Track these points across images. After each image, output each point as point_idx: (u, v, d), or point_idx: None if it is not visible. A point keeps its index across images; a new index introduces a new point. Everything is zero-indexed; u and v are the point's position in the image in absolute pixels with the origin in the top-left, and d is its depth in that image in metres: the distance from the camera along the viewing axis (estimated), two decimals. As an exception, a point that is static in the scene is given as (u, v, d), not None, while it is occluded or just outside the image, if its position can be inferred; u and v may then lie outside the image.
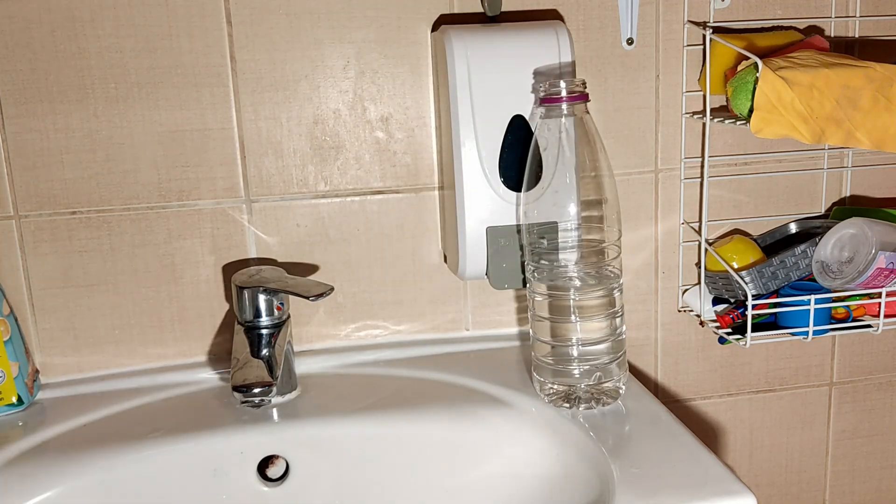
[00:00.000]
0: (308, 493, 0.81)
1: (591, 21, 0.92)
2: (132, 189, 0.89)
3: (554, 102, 0.78)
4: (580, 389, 0.78)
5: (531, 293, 0.81)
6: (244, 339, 0.84)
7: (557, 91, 0.77)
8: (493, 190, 0.84)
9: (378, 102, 0.91)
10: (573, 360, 0.78)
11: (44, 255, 0.88)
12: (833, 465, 1.10)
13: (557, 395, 0.79)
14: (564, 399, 0.79)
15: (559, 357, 0.79)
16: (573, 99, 0.77)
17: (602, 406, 0.78)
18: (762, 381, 1.06)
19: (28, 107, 0.85)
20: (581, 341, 0.78)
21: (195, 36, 0.87)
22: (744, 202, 0.99)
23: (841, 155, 1.00)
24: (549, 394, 0.80)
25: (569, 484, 0.74)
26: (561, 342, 0.79)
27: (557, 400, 0.79)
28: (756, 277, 0.90)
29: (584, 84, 0.78)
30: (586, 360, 0.78)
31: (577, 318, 0.78)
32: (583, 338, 0.78)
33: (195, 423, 0.82)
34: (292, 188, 0.91)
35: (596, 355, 0.79)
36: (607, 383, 0.79)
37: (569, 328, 0.78)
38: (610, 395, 0.79)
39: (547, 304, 0.79)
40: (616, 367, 0.79)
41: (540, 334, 0.80)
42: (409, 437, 0.81)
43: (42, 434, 0.81)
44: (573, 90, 0.77)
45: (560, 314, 0.79)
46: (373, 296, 0.95)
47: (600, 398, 0.79)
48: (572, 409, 0.78)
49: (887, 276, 0.87)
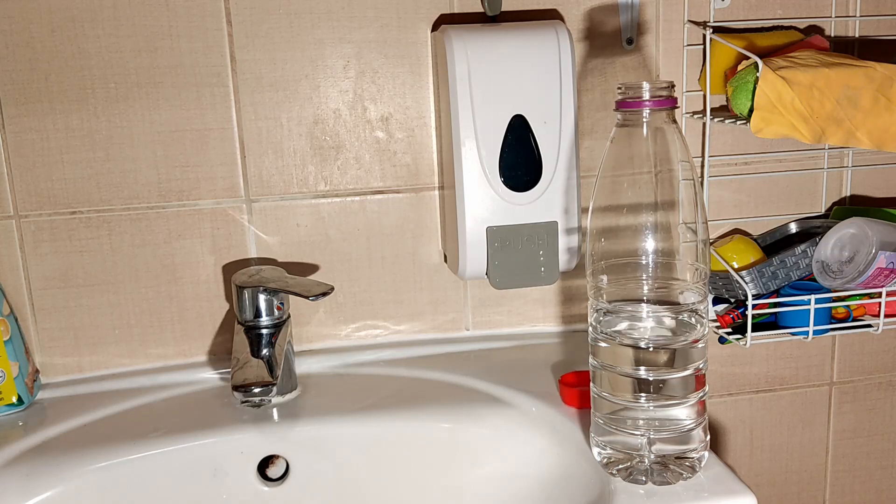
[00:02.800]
0: (308, 493, 0.81)
1: (591, 21, 0.92)
2: (132, 189, 0.89)
3: (632, 108, 0.65)
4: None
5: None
6: (244, 339, 0.84)
7: (638, 94, 0.64)
8: (493, 190, 0.84)
9: (378, 102, 0.91)
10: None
11: (44, 255, 0.88)
12: (833, 465, 1.10)
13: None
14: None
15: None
16: (658, 104, 0.64)
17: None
18: (762, 381, 1.05)
19: (28, 107, 0.85)
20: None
21: (195, 36, 0.87)
22: (744, 202, 0.99)
23: (841, 155, 1.00)
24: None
25: (569, 484, 0.74)
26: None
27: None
28: (756, 277, 0.90)
29: (671, 86, 0.65)
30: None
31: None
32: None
33: (195, 423, 0.82)
34: (292, 188, 0.91)
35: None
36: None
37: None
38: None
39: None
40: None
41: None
42: (409, 437, 0.81)
43: (42, 434, 0.81)
44: (657, 94, 0.64)
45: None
46: (373, 296, 0.95)
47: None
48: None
49: (887, 276, 0.87)
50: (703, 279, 0.67)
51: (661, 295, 0.67)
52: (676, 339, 0.66)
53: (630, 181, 0.66)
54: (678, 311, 0.67)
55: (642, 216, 0.66)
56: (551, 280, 0.87)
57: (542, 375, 0.87)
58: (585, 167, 0.94)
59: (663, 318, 0.67)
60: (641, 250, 0.66)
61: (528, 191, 0.85)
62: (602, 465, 0.69)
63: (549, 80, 0.84)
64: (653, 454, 0.66)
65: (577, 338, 0.98)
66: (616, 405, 0.67)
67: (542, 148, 0.84)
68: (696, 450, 0.67)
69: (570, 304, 0.99)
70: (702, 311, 0.67)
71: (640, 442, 0.66)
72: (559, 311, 0.99)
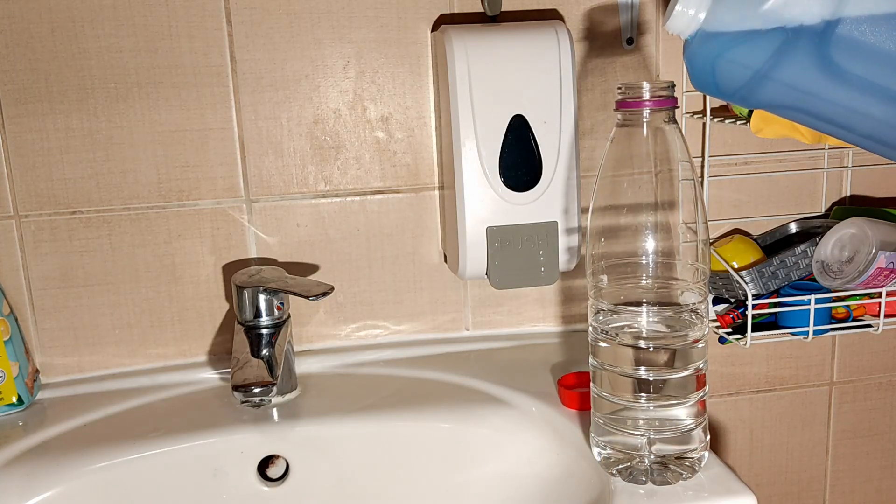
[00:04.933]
0: (308, 493, 0.81)
1: (591, 21, 0.92)
2: (132, 189, 0.89)
3: (632, 108, 0.64)
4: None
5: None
6: (244, 339, 0.84)
7: (638, 94, 0.64)
8: (493, 190, 0.84)
9: (378, 102, 0.91)
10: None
11: (44, 255, 0.88)
12: (833, 465, 1.10)
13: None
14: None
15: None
16: (658, 104, 0.64)
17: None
18: (762, 381, 1.05)
19: (28, 107, 0.85)
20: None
21: (195, 36, 0.87)
22: (744, 202, 0.99)
23: (841, 155, 1.00)
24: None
25: (569, 484, 0.74)
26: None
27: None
28: (756, 277, 0.90)
29: (671, 86, 0.64)
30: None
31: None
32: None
33: (195, 423, 0.82)
34: (292, 188, 0.91)
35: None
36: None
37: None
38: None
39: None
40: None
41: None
42: (409, 436, 0.81)
43: (42, 434, 0.81)
44: (658, 94, 0.64)
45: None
46: (373, 296, 0.95)
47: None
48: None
49: (887, 276, 0.87)
50: (703, 279, 0.67)
51: (662, 295, 0.67)
52: (676, 339, 0.66)
53: (630, 181, 0.66)
54: (678, 312, 0.67)
55: (642, 216, 0.66)
56: (551, 280, 0.87)
57: (541, 375, 0.87)
58: (585, 167, 0.94)
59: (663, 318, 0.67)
60: (641, 250, 0.66)
61: (528, 191, 0.85)
62: (602, 465, 0.69)
63: (549, 80, 0.84)
64: (653, 454, 0.66)
65: (577, 338, 0.98)
66: (616, 405, 0.67)
67: (542, 148, 0.84)
68: (696, 450, 0.67)
69: (570, 304, 0.99)
70: (702, 311, 0.67)
71: (640, 442, 0.66)
72: (559, 311, 0.99)
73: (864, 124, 0.63)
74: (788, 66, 0.61)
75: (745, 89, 0.63)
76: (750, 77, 0.62)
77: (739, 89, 0.63)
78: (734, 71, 0.62)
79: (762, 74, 0.61)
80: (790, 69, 0.61)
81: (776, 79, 0.61)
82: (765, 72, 0.61)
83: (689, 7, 0.64)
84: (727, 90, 0.64)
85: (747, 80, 0.62)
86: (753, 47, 0.61)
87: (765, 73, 0.61)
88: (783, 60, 0.60)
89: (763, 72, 0.61)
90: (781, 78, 0.61)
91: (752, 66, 0.61)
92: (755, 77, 0.62)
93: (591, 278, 0.68)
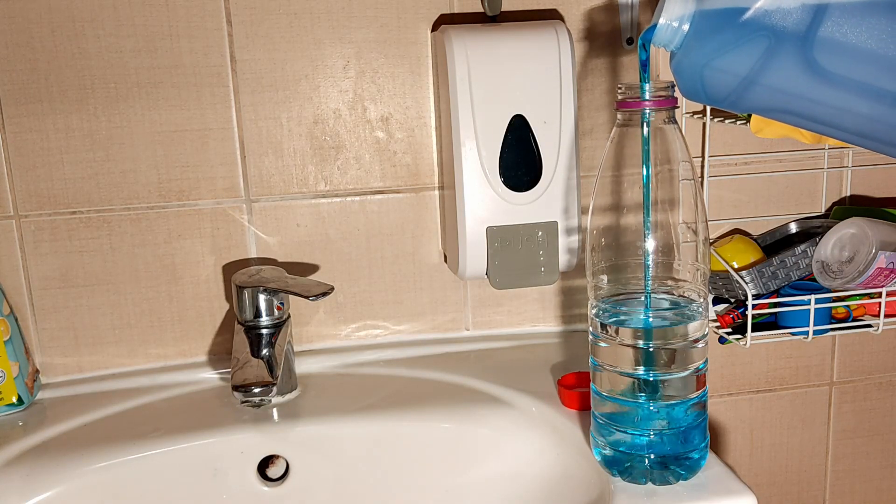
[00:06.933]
0: (308, 493, 0.81)
1: (591, 21, 0.92)
2: (132, 189, 0.89)
3: (632, 108, 0.64)
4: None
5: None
6: (244, 339, 0.84)
7: (638, 94, 0.64)
8: (493, 190, 0.84)
9: (378, 102, 0.91)
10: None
11: (44, 255, 0.88)
12: (833, 465, 1.10)
13: None
14: None
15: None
16: (658, 104, 0.64)
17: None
18: (762, 381, 1.05)
19: (28, 107, 0.85)
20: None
21: (195, 36, 0.87)
22: (744, 202, 0.99)
23: (841, 155, 1.00)
24: None
25: (569, 484, 0.74)
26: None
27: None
28: (756, 277, 0.90)
29: (671, 86, 0.65)
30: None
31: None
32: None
33: (195, 423, 0.82)
34: (292, 188, 0.91)
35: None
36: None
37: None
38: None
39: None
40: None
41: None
42: (409, 436, 0.81)
43: (42, 434, 0.81)
44: (658, 94, 0.64)
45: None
46: (373, 296, 0.95)
47: None
48: None
49: (887, 276, 0.87)
50: (703, 279, 0.67)
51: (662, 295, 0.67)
52: (676, 339, 0.66)
53: (630, 181, 0.66)
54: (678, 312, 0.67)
55: (642, 216, 0.66)
56: (551, 280, 0.87)
57: (542, 375, 0.87)
58: (585, 167, 0.94)
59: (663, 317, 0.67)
60: (641, 250, 0.66)
61: (528, 191, 0.85)
62: (602, 465, 0.69)
63: (549, 80, 0.84)
64: (653, 454, 0.66)
65: (577, 338, 0.98)
66: (616, 405, 0.67)
67: (542, 148, 0.84)
68: (696, 450, 0.67)
69: (570, 304, 0.99)
70: (702, 311, 0.67)
71: (641, 442, 0.66)
72: (559, 311, 0.99)
73: (854, 122, 0.64)
74: (774, 71, 0.61)
75: (734, 95, 0.63)
76: (738, 84, 0.62)
77: (728, 96, 0.64)
78: (722, 79, 0.63)
79: (749, 80, 0.62)
80: (776, 74, 0.62)
81: (763, 84, 0.62)
82: (752, 78, 0.62)
83: (673, 20, 0.65)
84: (716, 97, 0.65)
85: (735, 87, 0.63)
86: (739, 55, 0.62)
87: (752, 79, 0.62)
88: (769, 65, 0.61)
89: (750, 78, 0.62)
90: (768, 83, 0.62)
91: (739, 73, 0.62)
92: (743, 83, 0.62)
93: (591, 278, 0.68)
